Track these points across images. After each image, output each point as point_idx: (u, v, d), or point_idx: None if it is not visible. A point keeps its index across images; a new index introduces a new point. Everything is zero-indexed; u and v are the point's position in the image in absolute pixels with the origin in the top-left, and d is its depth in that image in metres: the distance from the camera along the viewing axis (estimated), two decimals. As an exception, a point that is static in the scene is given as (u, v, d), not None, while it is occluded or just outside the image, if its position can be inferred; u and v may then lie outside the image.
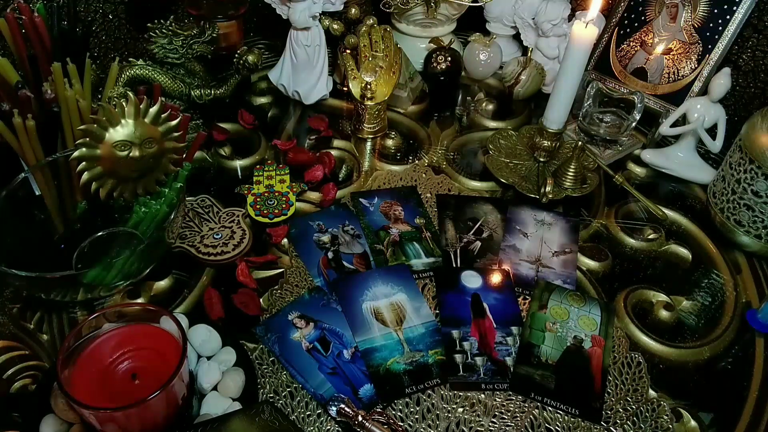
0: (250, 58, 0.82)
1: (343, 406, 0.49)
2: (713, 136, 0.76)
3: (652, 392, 0.54)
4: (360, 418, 0.49)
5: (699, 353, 0.58)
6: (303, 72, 0.87)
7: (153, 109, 0.54)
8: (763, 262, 0.69)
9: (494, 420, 0.51)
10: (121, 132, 0.52)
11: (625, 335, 0.59)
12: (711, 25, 0.83)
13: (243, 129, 0.84)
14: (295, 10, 0.80)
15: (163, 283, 0.62)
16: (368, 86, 0.82)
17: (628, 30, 0.92)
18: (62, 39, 0.63)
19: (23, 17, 0.60)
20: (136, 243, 0.57)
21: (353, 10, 0.89)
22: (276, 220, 0.69)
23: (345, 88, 0.93)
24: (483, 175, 0.79)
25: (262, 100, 0.92)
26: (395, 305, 0.60)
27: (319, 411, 0.51)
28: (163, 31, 0.72)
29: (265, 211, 0.69)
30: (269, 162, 0.77)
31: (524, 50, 0.97)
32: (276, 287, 0.62)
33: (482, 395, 0.53)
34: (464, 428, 0.51)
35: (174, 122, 0.56)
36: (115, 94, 0.68)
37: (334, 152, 0.80)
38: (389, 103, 0.88)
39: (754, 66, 0.84)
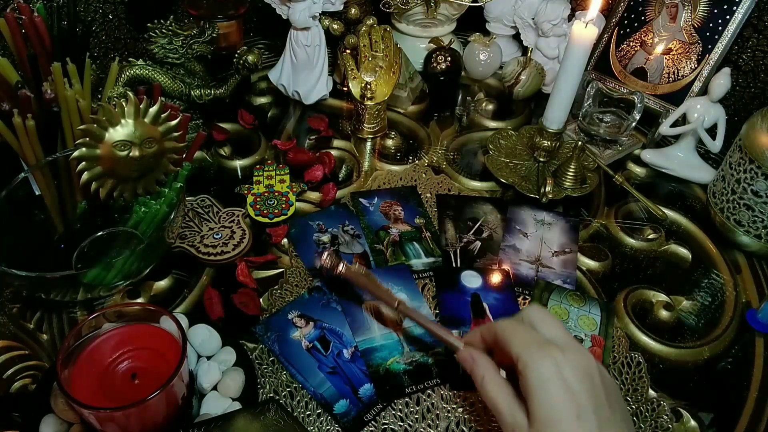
0: (250, 58, 0.82)
1: (326, 256, 0.57)
2: (713, 136, 0.76)
3: (651, 392, 0.54)
4: (341, 268, 0.57)
5: (699, 353, 0.58)
6: (303, 72, 0.87)
7: (153, 109, 0.54)
8: (763, 262, 0.69)
9: (494, 420, 0.51)
10: (121, 132, 0.52)
11: (624, 335, 0.59)
12: (711, 25, 0.83)
13: (243, 129, 0.84)
14: (295, 10, 0.80)
15: (163, 283, 0.62)
16: (368, 86, 0.82)
17: (628, 30, 0.92)
18: (62, 39, 0.63)
19: (23, 17, 0.60)
20: (136, 243, 0.57)
21: (353, 10, 0.89)
22: (276, 220, 0.69)
23: (345, 88, 0.93)
24: (483, 175, 0.79)
25: (262, 100, 0.92)
26: (395, 305, 0.60)
27: (319, 411, 0.51)
28: (163, 31, 0.72)
29: (265, 211, 0.69)
30: (269, 162, 0.77)
31: (524, 50, 0.98)
32: (276, 287, 0.62)
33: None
34: (464, 428, 0.51)
35: (174, 122, 0.56)
36: (115, 94, 0.68)
37: (334, 152, 0.80)
38: (389, 103, 0.88)
39: (754, 66, 0.84)
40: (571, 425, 0.38)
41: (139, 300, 0.59)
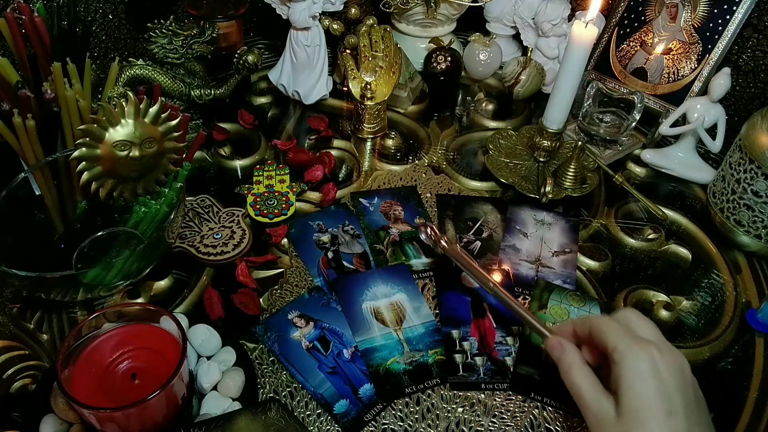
0: (250, 58, 0.82)
1: (430, 231, 0.62)
2: (713, 136, 0.76)
3: (652, 392, 0.54)
4: (443, 242, 0.61)
5: (699, 353, 0.58)
6: (303, 72, 0.87)
7: (153, 109, 0.54)
8: (763, 262, 0.69)
9: (494, 420, 0.51)
10: (121, 132, 0.52)
11: (625, 335, 0.59)
12: (711, 25, 0.83)
13: (243, 129, 0.84)
14: (295, 10, 0.80)
15: (163, 283, 0.62)
16: (368, 86, 0.82)
17: (628, 30, 0.92)
18: (62, 39, 0.63)
19: (23, 17, 0.60)
20: (136, 243, 0.57)
21: (353, 10, 0.89)
22: (276, 220, 0.69)
23: (345, 88, 0.93)
24: (483, 175, 0.79)
25: (262, 100, 0.92)
26: (395, 305, 0.60)
27: (319, 411, 0.51)
28: (163, 31, 0.72)
29: (265, 211, 0.69)
30: (269, 162, 0.77)
31: (524, 50, 0.98)
32: (276, 287, 0.62)
33: (482, 395, 0.53)
34: (464, 428, 0.51)
35: (174, 122, 0.56)
36: (115, 94, 0.68)
37: (334, 152, 0.80)
38: (389, 103, 0.88)
39: (754, 66, 0.84)
40: (661, 421, 0.39)
41: (139, 300, 0.59)
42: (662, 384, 0.39)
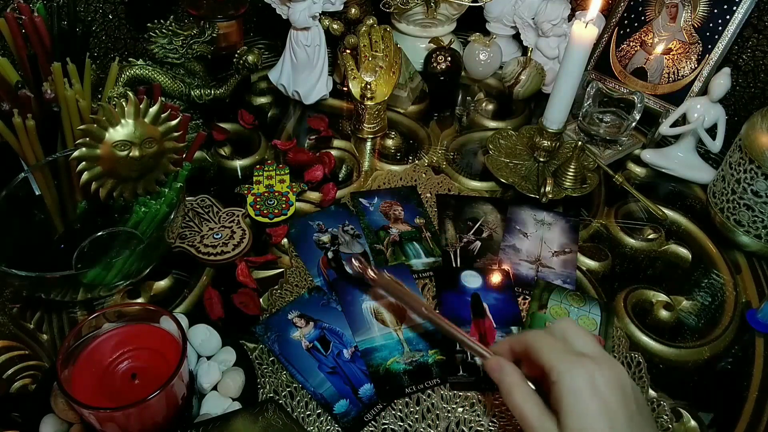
0: (250, 58, 0.82)
1: (356, 263, 0.59)
2: (713, 136, 0.76)
3: (651, 392, 0.54)
4: (370, 272, 0.58)
5: (699, 353, 0.58)
6: (303, 72, 0.87)
7: (153, 109, 0.54)
8: (763, 262, 0.69)
9: (494, 420, 0.51)
10: (121, 132, 0.52)
11: (624, 335, 0.59)
12: (711, 25, 0.83)
13: (243, 129, 0.84)
14: (295, 10, 0.80)
15: (163, 283, 0.62)
16: (368, 86, 0.82)
17: (628, 30, 0.92)
18: (62, 39, 0.63)
19: (23, 17, 0.60)
20: (136, 243, 0.57)
21: (353, 10, 0.89)
22: (276, 220, 0.69)
23: (345, 88, 0.93)
24: (483, 175, 0.79)
25: (262, 100, 0.92)
26: (395, 305, 0.60)
27: (319, 411, 0.51)
28: (163, 31, 0.72)
29: (265, 211, 0.69)
30: (269, 162, 0.77)
31: (524, 50, 0.98)
32: (276, 287, 0.62)
33: (482, 395, 0.53)
34: (464, 428, 0.51)
35: (174, 122, 0.56)
36: (115, 94, 0.68)
37: (334, 152, 0.80)
38: (389, 103, 0.88)
39: (754, 66, 0.84)
40: None
41: (139, 300, 0.59)
42: (602, 401, 0.39)
